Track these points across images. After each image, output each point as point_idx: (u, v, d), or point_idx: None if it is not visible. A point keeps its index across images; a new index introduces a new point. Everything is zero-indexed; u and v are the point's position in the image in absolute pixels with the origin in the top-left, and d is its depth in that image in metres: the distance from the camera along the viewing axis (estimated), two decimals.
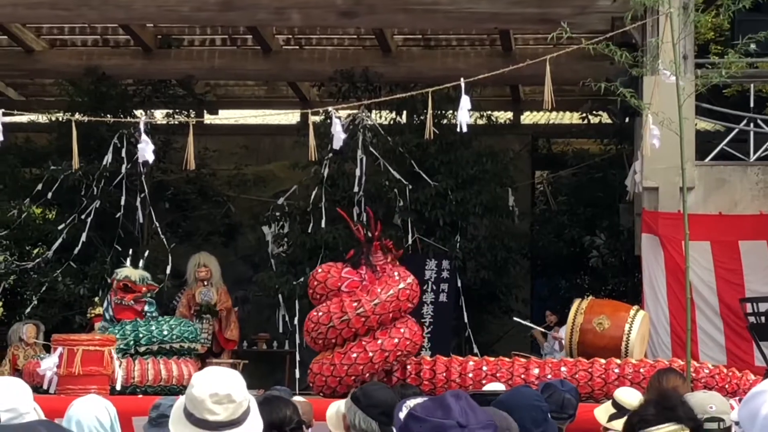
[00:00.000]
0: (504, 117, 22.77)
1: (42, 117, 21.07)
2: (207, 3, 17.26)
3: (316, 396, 12.10)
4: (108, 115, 18.08)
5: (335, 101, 18.44)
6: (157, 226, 18.93)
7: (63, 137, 17.36)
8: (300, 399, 7.51)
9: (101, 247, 18.84)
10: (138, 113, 19.39)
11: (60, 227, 18.74)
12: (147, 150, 13.50)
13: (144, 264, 15.38)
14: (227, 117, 22.96)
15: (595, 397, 11.69)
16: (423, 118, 15.81)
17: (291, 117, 23.38)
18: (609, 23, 15.78)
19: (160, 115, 20.35)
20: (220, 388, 3.61)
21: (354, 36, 20.34)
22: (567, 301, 15.70)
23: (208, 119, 21.89)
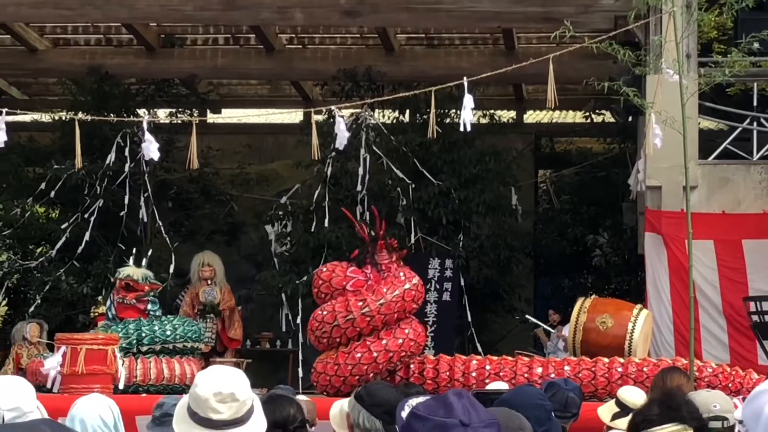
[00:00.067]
0: (507, 116, 22.77)
1: (45, 116, 21.06)
2: (210, 2, 17.26)
3: (319, 395, 12.09)
4: (111, 115, 18.09)
5: (338, 100, 18.44)
6: (160, 225, 18.93)
7: (66, 136, 17.35)
8: (303, 398, 7.51)
9: (104, 246, 18.85)
10: (141, 112, 19.40)
11: (63, 226, 18.74)
12: (152, 148, 13.48)
13: (147, 263, 15.39)
14: (230, 116, 22.98)
15: (599, 396, 11.69)
16: (426, 117, 15.80)
17: (294, 116, 23.40)
18: (612, 22, 15.77)
19: (163, 114, 20.36)
20: (223, 387, 3.61)
21: (357, 35, 20.34)
22: (570, 300, 15.70)
23: (211, 118, 21.91)
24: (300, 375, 17.07)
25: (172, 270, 18.16)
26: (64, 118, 18.97)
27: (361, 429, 5.23)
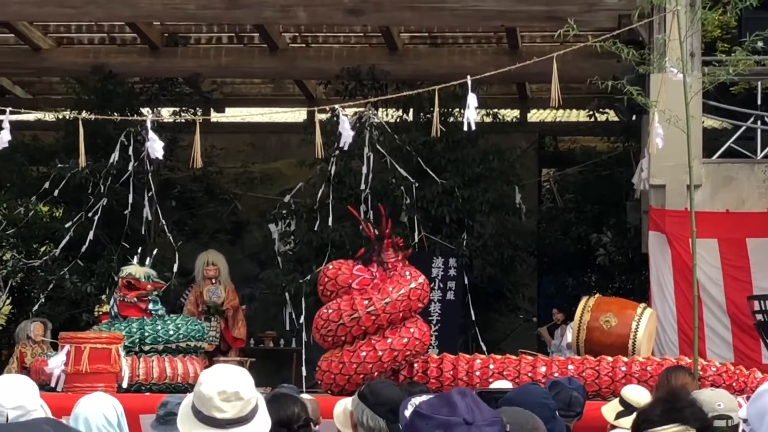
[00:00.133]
0: (511, 115, 22.76)
1: (49, 115, 21.06)
2: (213, 1, 17.27)
3: (322, 394, 12.09)
4: (115, 114, 18.10)
5: (342, 99, 18.44)
6: (164, 223, 18.94)
7: (70, 135, 17.37)
8: (307, 397, 7.50)
9: (108, 245, 18.85)
10: (145, 111, 19.40)
11: (67, 225, 18.75)
12: (156, 147, 13.48)
13: (151, 262, 15.38)
14: (234, 115, 22.98)
15: (603, 395, 11.67)
16: (429, 115, 15.83)
17: (297, 115, 23.40)
18: (616, 21, 15.77)
19: (166, 113, 20.37)
20: (228, 385, 3.61)
21: (360, 34, 20.34)
22: (574, 299, 15.68)
23: (214, 117, 21.92)
24: (303, 374, 17.08)
25: (175, 269, 18.17)
26: (67, 117, 18.97)
27: (365, 428, 5.22)
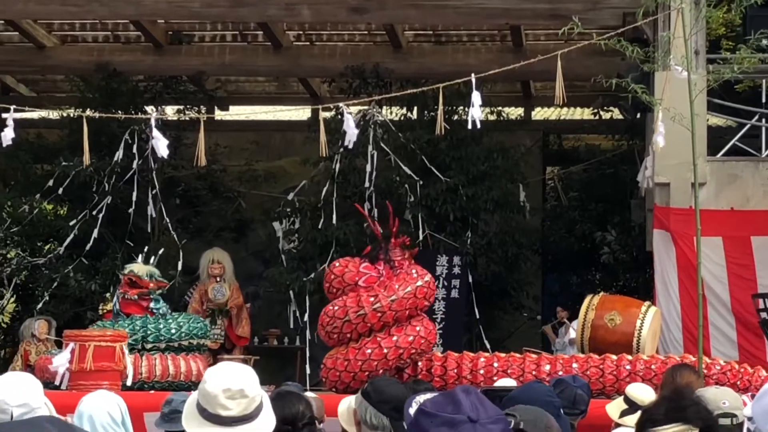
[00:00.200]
0: (515, 113, 22.75)
1: (53, 113, 21.12)
2: None
3: (326, 392, 12.08)
4: (119, 112, 18.09)
5: (346, 97, 18.44)
6: (168, 222, 18.95)
7: (74, 133, 17.39)
8: (311, 395, 7.50)
9: (112, 243, 18.87)
10: (149, 109, 19.40)
11: (71, 223, 18.77)
12: (161, 145, 13.49)
13: (156, 261, 15.36)
14: (238, 113, 22.98)
15: (607, 393, 11.66)
16: (434, 113, 15.79)
17: (302, 113, 23.43)
18: (620, 19, 15.76)
19: (170, 112, 20.38)
20: (233, 383, 3.61)
21: (364, 32, 20.33)
22: (578, 297, 15.68)
23: (218, 115, 21.91)
24: (307, 372, 17.08)
25: (180, 267, 18.19)
26: (72, 115, 19.02)
27: (369, 426, 5.21)
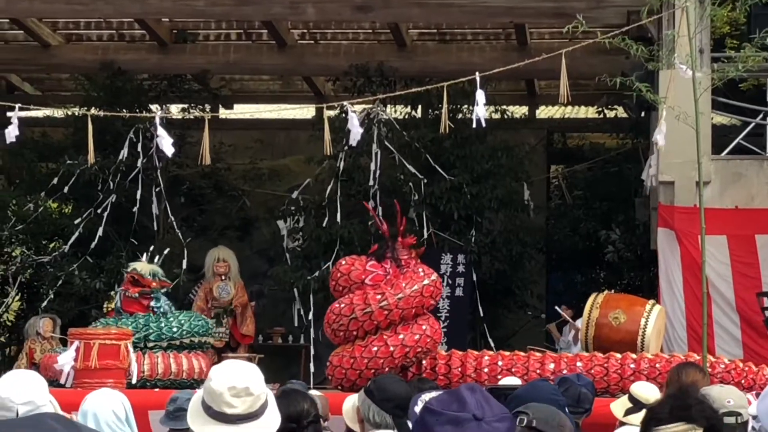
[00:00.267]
0: (519, 111, 22.74)
1: (58, 112, 21.14)
2: None
3: (331, 390, 12.09)
4: (124, 110, 18.12)
5: (350, 96, 18.45)
6: (173, 220, 18.96)
7: (79, 132, 17.39)
8: (316, 393, 7.51)
9: (117, 242, 18.88)
10: (153, 108, 19.40)
11: (76, 221, 18.78)
12: (166, 143, 13.50)
13: (160, 261, 15.35)
14: (242, 111, 22.99)
15: (611, 392, 11.66)
16: (438, 112, 15.80)
17: (306, 111, 23.44)
18: (624, 17, 15.75)
19: (175, 110, 20.38)
20: (238, 381, 3.61)
21: (369, 30, 20.33)
22: (582, 296, 15.67)
23: (223, 114, 21.94)
24: (311, 370, 17.09)
25: (184, 265, 18.20)
26: (76, 113, 19.06)
27: (372, 424, 5.21)
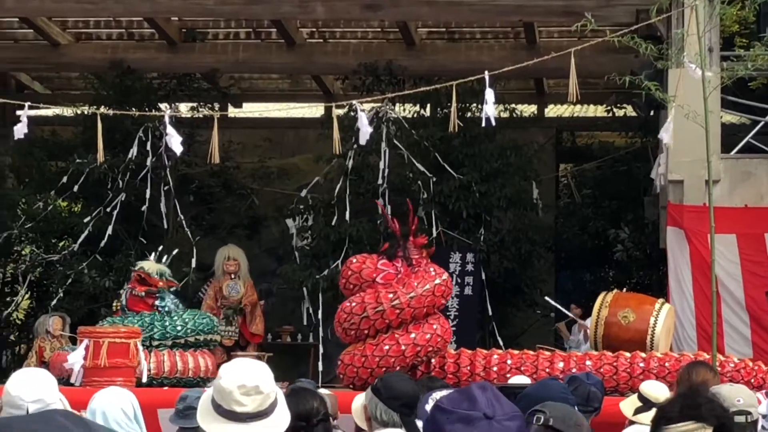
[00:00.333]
0: (528, 110, 22.73)
1: (68, 110, 21.16)
2: None
3: (339, 389, 12.08)
4: (133, 109, 18.13)
5: (359, 94, 18.45)
6: (182, 218, 18.99)
7: (88, 130, 17.43)
8: (325, 392, 7.51)
9: (126, 240, 18.90)
10: (163, 107, 19.42)
11: (86, 220, 18.81)
12: (175, 142, 13.52)
13: (168, 260, 15.35)
14: (251, 110, 23.01)
15: (620, 391, 11.66)
16: (447, 111, 15.79)
17: (315, 110, 23.45)
18: (634, 15, 15.73)
19: (184, 109, 20.41)
20: (247, 379, 3.61)
21: (378, 29, 20.33)
22: (591, 295, 15.66)
23: (232, 112, 21.95)
24: (320, 369, 17.09)
25: (194, 264, 18.21)
26: (86, 112, 19.09)
27: (379, 422, 5.20)
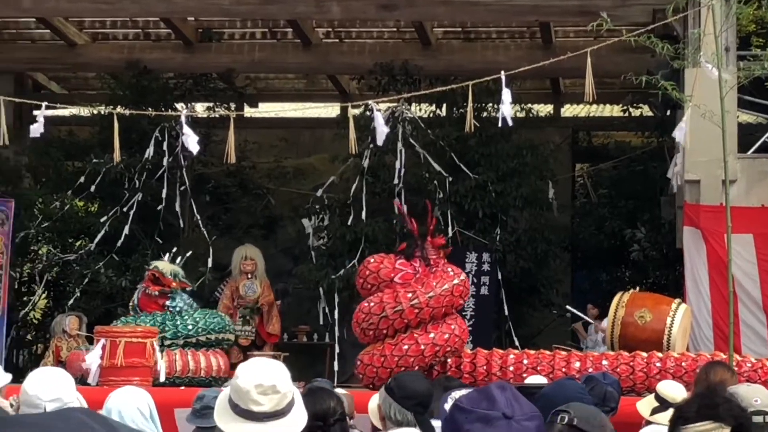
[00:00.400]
0: (544, 110, 22.69)
1: (84, 110, 21.20)
2: None
3: (355, 388, 12.08)
4: (149, 109, 18.17)
5: (375, 94, 18.46)
6: (198, 218, 19.02)
7: (105, 130, 17.46)
8: (341, 391, 7.51)
9: (143, 240, 18.94)
10: (179, 107, 19.45)
11: (102, 220, 18.86)
12: (191, 141, 13.54)
13: (182, 262, 15.35)
14: (267, 110, 23.02)
15: (637, 391, 11.63)
16: (463, 110, 15.78)
17: (331, 110, 23.45)
18: (650, 15, 15.69)
19: (200, 109, 20.43)
20: (265, 379, 3.61)
21: (394, 29, 20.32)
22: (608, 295, 15.64)
23: (248, 112, 21.97)
24: (336, 368, 17.09)
25: (210, 263, 18.24)
26: (102, 112, 19.14)
27: (393, 421, 5.20)
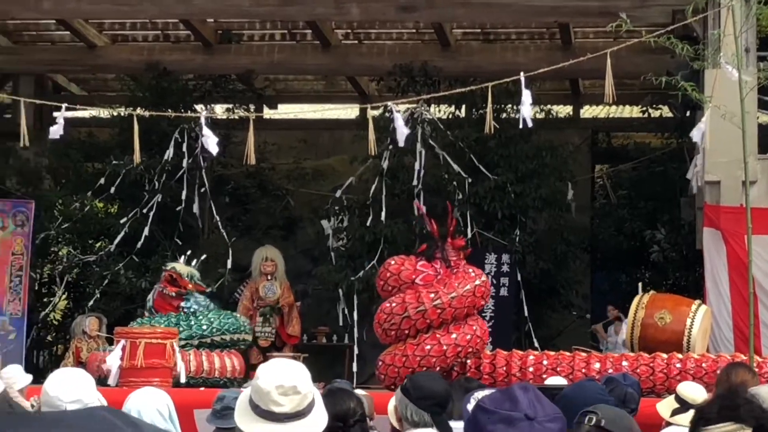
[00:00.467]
0: (564, 111, 22.67)
1: (104, 112, 21.27)
2: None
3: (374, 389, 12.08)
4: (169, 110, 18.20)
5: (394, 95, 18.46)
6: (218, 219, 19.05)
7: (125, 132, 17.51)
8: (361, 392, 7.51)
9: (163, 241, 18.97)
10: (198, 108, 19.48)
11: (122, 221, 18.91)
12: (211, 143, 13.58)
13: (198, 265, 15.36)
14: (286, 111, 23.05)
15: (657, 392, 11.61)
16: (482, 112, 15.77)
17: (350, 111, 23.46)
18: (670, 16, 15.66)
19: (220, 110, 20.47)
20: (285, 379, 3.61)
21: (413, 30, 20.32)
22: (627, 296, 15.60)
23: (267, 114, 22.00)
24: (355, 369, 17.09)
25: (229, 265, 18.26)
26: (122, 113, 19.16)
27: (409, 422, 5.18)
